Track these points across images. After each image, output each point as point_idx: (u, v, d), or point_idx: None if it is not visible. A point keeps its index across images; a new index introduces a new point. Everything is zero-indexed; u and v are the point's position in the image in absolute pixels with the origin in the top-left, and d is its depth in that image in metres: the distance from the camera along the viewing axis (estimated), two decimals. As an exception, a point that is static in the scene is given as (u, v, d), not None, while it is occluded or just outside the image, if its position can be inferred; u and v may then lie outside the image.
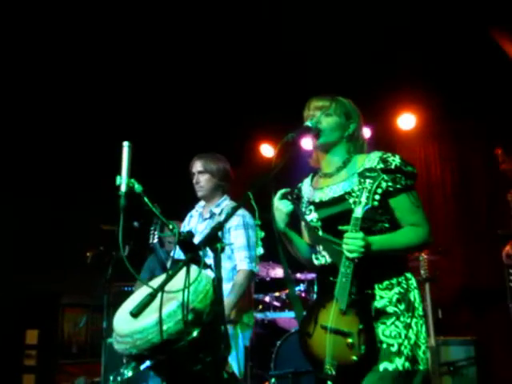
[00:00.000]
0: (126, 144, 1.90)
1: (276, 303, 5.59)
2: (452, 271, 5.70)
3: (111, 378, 2.26)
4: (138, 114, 6.18)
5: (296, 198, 2.36)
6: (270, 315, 5.55)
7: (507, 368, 5.21)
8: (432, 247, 4.69)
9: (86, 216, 6.51)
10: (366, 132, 6.38)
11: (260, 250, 2.92)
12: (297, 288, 5.25)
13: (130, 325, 2.08)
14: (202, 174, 3.51)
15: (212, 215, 3.49)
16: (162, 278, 2.16)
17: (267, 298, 5.65)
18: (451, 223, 6.28)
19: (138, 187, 1.86)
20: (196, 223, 3.59)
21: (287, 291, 5.25)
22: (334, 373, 2.06)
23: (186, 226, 3.65)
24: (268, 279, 5.87)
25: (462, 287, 5.86)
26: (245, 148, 7.19)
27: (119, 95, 6.01)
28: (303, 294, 5.02)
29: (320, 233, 2.32)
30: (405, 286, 2.21)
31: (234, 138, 6.81)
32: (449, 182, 6.45)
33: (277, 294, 5.58)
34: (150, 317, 2.01)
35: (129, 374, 2.07)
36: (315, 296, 2.39)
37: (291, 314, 5.31)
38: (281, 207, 2.30)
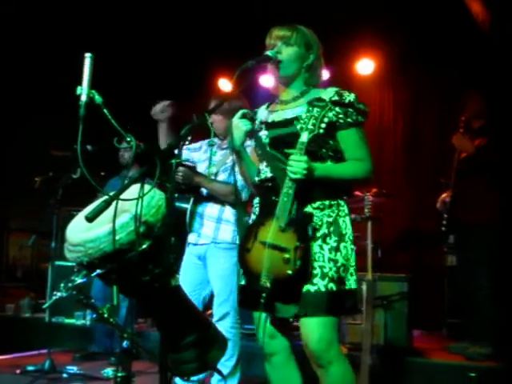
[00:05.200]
0: (88, 55, 1.91)
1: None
2: (395, 214, 5.97)
3: (62, 284, 2.32)
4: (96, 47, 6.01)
5: (251, 119, 2.46)
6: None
7: (433, 304, 5.60)
8: (378, 189, 4.87)
9: (37, 141, 6.41)
10: (325, 73, 6.52)
11: (213, 169, 3.00)
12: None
13: (82, 234, 2.13)
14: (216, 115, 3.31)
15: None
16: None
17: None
18: (399, 169, 6.52)
19: (98, 98, 1.88)
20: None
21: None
22: (269, 285, 2.19)
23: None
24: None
25: (402, 230, 6.15)
26: (203, 82, 7.15)
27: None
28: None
29: (267, 149, 2.44)
30: (335, 211, 2.35)
31: (193, 72, 6.76)
32: (400, 129, 6.63)
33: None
34: (103, 227, 2.07)
35: (79, 280, 2.15)
36: (253, 216, 2.48)
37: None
38: (240, 125, 2.42)
